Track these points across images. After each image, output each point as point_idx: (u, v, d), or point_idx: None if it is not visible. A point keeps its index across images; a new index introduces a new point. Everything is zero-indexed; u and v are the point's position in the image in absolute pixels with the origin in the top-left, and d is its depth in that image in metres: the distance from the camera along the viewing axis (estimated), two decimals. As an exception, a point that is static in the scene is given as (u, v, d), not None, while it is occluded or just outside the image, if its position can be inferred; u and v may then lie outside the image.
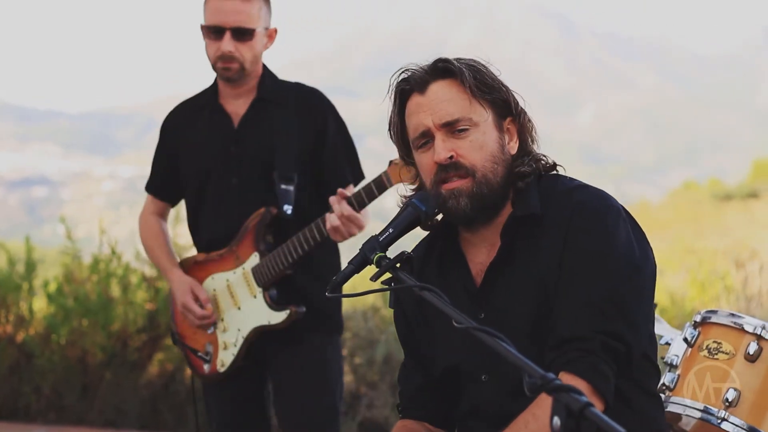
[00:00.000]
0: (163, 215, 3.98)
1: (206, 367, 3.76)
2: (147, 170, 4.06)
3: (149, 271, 7.01)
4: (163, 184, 3.93)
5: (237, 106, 3.75)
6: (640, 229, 2.42)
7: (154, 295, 6.93)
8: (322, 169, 3.70)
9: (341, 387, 3.78)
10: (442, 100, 2.38)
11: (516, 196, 2.43)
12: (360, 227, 3.45)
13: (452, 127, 2.38)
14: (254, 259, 3.65)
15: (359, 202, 3.42)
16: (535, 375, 1.83)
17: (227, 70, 3.66)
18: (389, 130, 2.51)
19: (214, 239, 3.76)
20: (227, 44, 3.62)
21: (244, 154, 3.71)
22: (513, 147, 2.44)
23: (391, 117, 2.48)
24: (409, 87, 2.43)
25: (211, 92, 3.82)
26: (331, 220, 3.41)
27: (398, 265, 2.25)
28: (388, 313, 6.82)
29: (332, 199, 3.43)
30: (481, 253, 2.46)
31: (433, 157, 2.38)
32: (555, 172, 2.50)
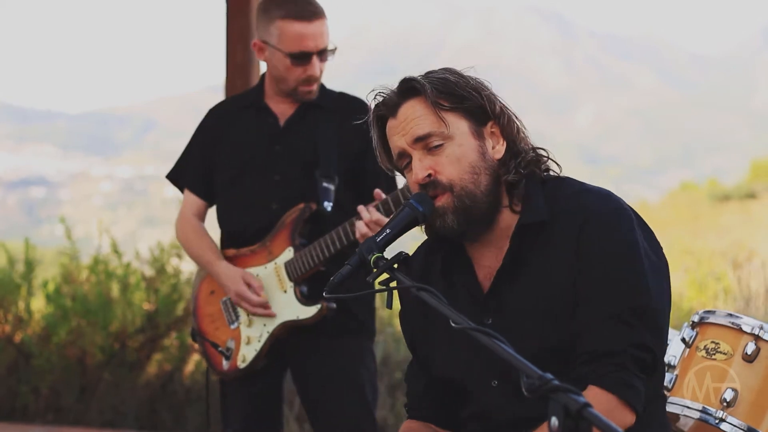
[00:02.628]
0: (202, 216, 3.92)
1: (225, 364, 3.73)
2: (145, 171, 4.06)
3: (148, 272, 7.01)
4: (203, 181, 3.88)
5: (284, 108, 3.76)
6: (648, 227, 2.41)
7: (152, 296, 6.94)
8: (363, 174, 3.71)
9: (374, 393, 3.75)
10: (412, 119, 2.38)
11: (520, 201, 2.40)
12: None
13: (425, 143, 2.37)
14: (288, 253, 3.65)
15: (387, 209, 3.43)
16: (533, 375, 1.84)
17: (310, 92, 3.69)
18: (377, 158, 2.51)
19: (246, 234, 3.75)
20: (316, 68, 3.64)
21: (288, 153, 3.73)
22: (499, 150, 2.41)
23: (375, 144, 2.49)
24: (384, 112, 2.44)
25: (257, 92, 3.82)
26: (360, 227, 3.42)
27: (396, 265, 2.26)
28: (386, 313, 6.82)
29: (360, 208, 3.44)
30: (487, 257, 2.44)
31: (413, 178, 2.39)
32: (555, 173, 2.47)
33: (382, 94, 2.44)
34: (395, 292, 2.27)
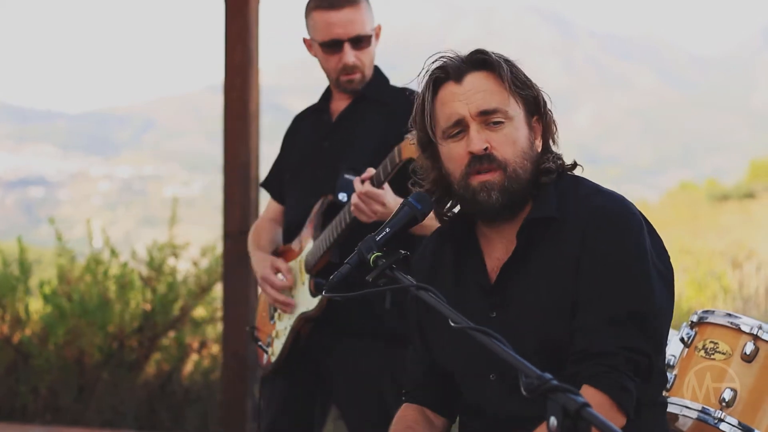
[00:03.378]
0: (278, 221, 3.93)
1: (265, 358, 3.76)
2: (144, 170, 4.08)
3: (146, 272, 7.01)
4: (279, 186, 3.92)
5: (340, 105, 3.78)
6: (658, 236, 2.41)
7: (150, 296, 6.93)
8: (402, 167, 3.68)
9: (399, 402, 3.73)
10: (479, 91, 2.37)
11: (534, 197, 2.41)
12: (381, 203, 3.38)
13: (488, 118, 2.36)
14: (309, 245, 3.66)
15: (377, 179, 3.41)
16: (532, 375, 1.84)
17: (351, 82, 3.67)
18: (414, 116, 2.47)
19: (292, 231, 3.77)
20: (349, 56, 3.62)
21: (332, 148, 3.73)
22: (537, 146, 2.43)
23: (421, 102, 2.44)
24: (444, 75, 2.41)
25: (325, 95, 3.85)
26: (353, 199, 3.41)
27: (395, 264, 2.25)
28: (385, 313, 6.82)
29: (355, 180, 3.43)
30: (497, 249, 2.45)
31: (467, 147, 2.36)
32: (573, 173, 2.48)
33: (445, 58, 2.41)
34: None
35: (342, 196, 3.59)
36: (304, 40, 3.76)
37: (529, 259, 2.38)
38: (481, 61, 2.39)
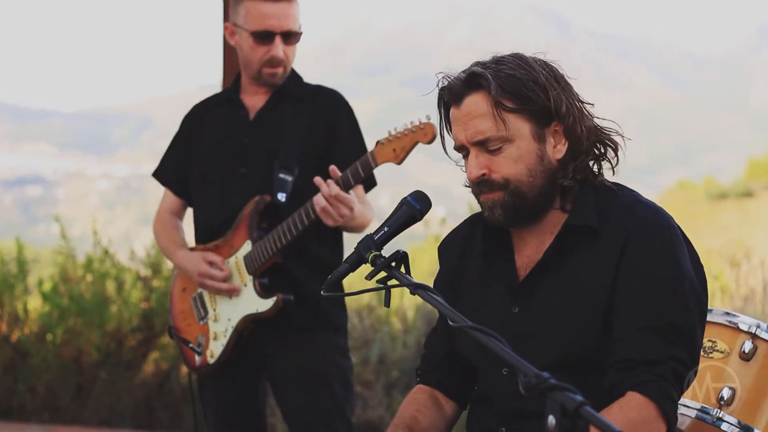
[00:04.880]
0: (178, 213, 3.94)
1: (197, 359, 3.74)
2: (142, 169, 4.09)
3: (144, 271, 7.00)
4: (179, 179, 3.90)
5: (256, 100, 3.75)
6: (693, 247, 2.41)
7: (148, 295, 6.93)
8: (332, 163, 3.68)
9: (345, 390, 3.72)
10: (474, 117, 2.36)
11: (571, 202, 2.41)
12: (349, 207, 3.42)
13: (484, 146, 2.37)
14: (247, 246, 3.65)
15: (345, 183, 3.42)
16: (530, 374, 1.84)
17: (274, 75, 3.66)
18: (440, 132, 2.50)
19: (214, 228, 3.75)
20: (278, 49, 3.62)
21: (255, 146, 3.71)
22: (560, 150, 2.39)
23: (440, 122, 2.48)
24: (448, 97, 2.42)
25: (233, 88, 3.83)
26: (319, 201, 3.41)
27: (393, 263, 2.26)
28: (383, 312, 6.82)
29: (317, 180, 3.43)
30: (529, 247, 2.46)
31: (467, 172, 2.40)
32: (611, 182, 2.46)
33: (448, 78, 2.41)
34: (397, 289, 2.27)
35: (281, 197, 3.60)
36: (226, 26, 3.72)
37: (561, 263, 2.38)
38: (475, 82, 2.36)
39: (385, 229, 2.33)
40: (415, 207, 2.35)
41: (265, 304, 3.59)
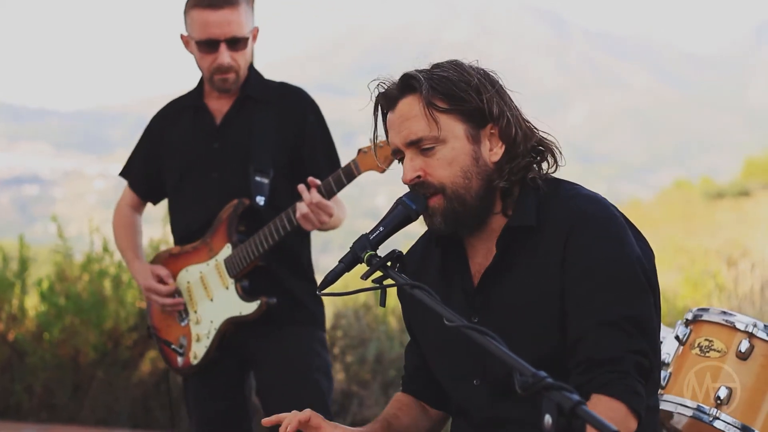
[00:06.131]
0: (138, 209, 4.00)
1: (180, 360, 3.75)
2: (139, 169, 4.08)
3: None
4: (142, 180, 3.95)
5: (221, 104, 3.77)
6: (639, 232, 2.38)
7: (145, 294, 6.92)
8: (302, 163, 3.71)
9: (328, 382, 3.74)
10: (407, 119, 2.35)
11: (511, 206, 2.38)
12: (329, 214, 3.45)
13: (418, 146, 2.35)
14: (227, 250, 3.67)
15: (328, 191, 3.44)
16: (527, 373, 1.83)
17: (225, 81, 3.67)
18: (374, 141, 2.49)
19: (191, 232, 3.78)
20: (224, 56, 3.62)
21: (226, 150, 3.73)
22: (497, 153, 2.37)
23: (379, 126, 2.46)
24: (383, 103, 2.42)
25: (197, 92, 3.84)
26: (301, 208, 3.43)
27: (389, 263, 2.25)
28: (380, 311, 6.81)
29: (300, 187, 3.44)
30: (479, 254, 2.44)
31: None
32: (553, 175, 2.43)
33: (384, 85, 2.41)
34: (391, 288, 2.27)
35: (260, 200, 3.63)
36: (182, 37, 3.73)
37: (510, 266, 2.36)
38: (408, 85, 2.35)
39: (381, 228, 2.33)
40: (410, 207, 2.35)
41: (249, 308, 3.62)
